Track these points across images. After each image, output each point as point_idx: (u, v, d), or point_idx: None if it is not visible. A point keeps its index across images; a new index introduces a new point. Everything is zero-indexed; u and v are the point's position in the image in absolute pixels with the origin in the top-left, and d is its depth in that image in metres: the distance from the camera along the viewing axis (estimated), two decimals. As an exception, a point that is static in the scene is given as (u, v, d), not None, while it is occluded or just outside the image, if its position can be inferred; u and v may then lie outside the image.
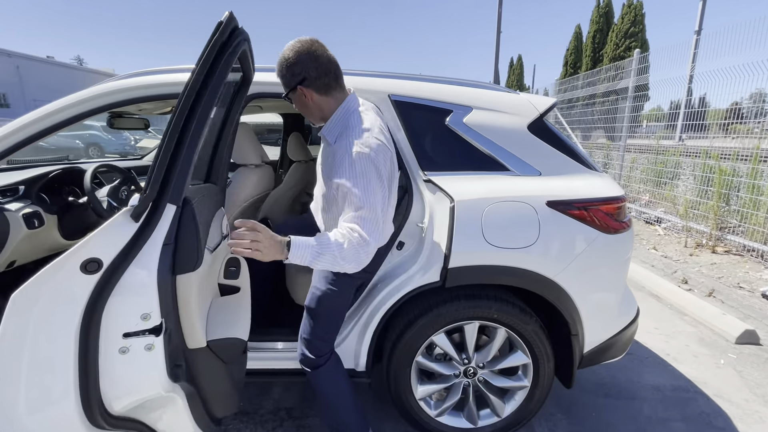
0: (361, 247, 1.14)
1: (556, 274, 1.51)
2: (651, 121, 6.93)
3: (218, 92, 0.87)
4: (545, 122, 1.67)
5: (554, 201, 1.51)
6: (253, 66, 1.23)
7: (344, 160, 1.17)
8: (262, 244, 0.98)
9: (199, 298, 0.93)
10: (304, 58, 1.21)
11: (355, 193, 1.14)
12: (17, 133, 1.29)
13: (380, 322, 1.59)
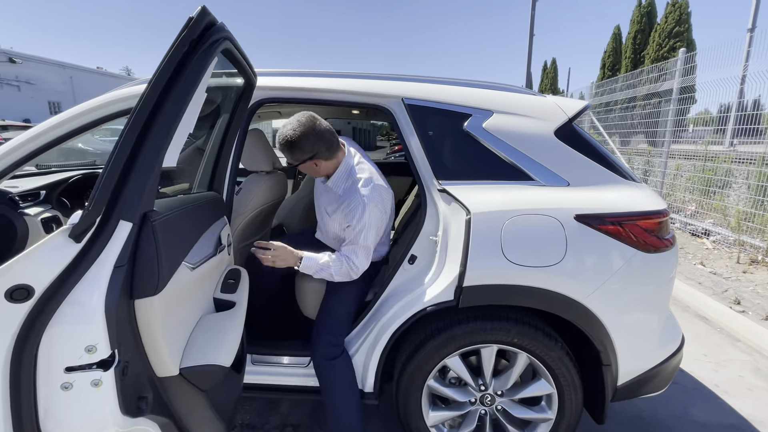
0: (352, 270, 1.52)
1: (585, 296, 1.35)
2: (698, 125, 6.46)
3: (187, 98, 0.76)
4: (575, 127, 1.52)
5: (584, 215, 1.35)
6: (251, 69, 1.17)
7: (357, 209, 1.49)
8: (276, 255, 1.46)
9: (169, 322, 0.83)
10: (312, 137, 1.49)
11: (360, 236, 1.49)
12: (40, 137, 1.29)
13: (389, 341, 1.48)
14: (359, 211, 1.47)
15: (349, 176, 1.58)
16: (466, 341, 1.45)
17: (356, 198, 1.50)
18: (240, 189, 1.79)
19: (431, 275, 1.46)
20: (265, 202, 1.83)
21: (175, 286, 0.80)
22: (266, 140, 1.88)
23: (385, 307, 1.54)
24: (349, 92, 1.58)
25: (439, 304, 1.41)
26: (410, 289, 1.51)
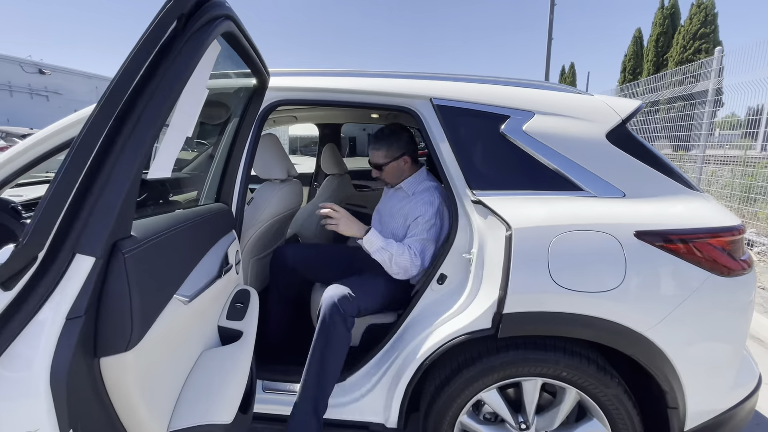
0: (412, 261, 1.50)
1: (648, 327, 1.15)
2: (724, 129, 6.14)
3: (174, 91, 0.57)
4: (629, 130, 1.33)
5: (645, 231, 1.16)
6: (263, 64, 1.03)
7: (432, 203, 1.57)
8: (339, 221, 1.54)
9: (151, 379, 0.65)
10: (407, 135, 1.70)
11: (426, 228, 1.55)
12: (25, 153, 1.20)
13: (416, 372, 1.30)
14: (433, 205, 1.55)
15: (423, 181, 1.68)
16: (506, 373, 1.26)
17: (431, 195, 1.59)
18: (252, 199, 1.65)
19: (464, 298, 1.29)
20: (278, 213, 1.69)
21: (162, 328, 0.62)
22: (280, 146, 1.74)
23: (411, 332, 1.37)
24: (372, 92, 1.43)
25: (475, 332, 1.24)
26: (439, 312, 1.34)
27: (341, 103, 1.47)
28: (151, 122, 0.53)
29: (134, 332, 0.54)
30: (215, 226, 1.04)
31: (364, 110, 2.55)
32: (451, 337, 1.26)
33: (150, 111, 0.53)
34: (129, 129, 0.52)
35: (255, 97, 1.18)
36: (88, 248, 0.51)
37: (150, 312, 0.59)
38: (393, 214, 1.70)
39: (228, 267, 1.06)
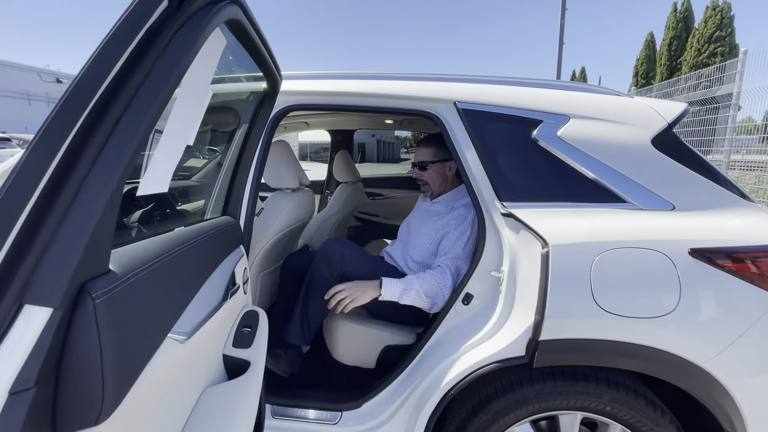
0: (441, 284, 1.38)
1: (707, 358, 1.01)
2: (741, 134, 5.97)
3: (164, 90, 0.44)
4: (676, 135, 1.20)
5: (702, 249, 1.02)
6: (275, 63, 0.93)
7: (468, 217, 1.47)
8: (350, 293, 1.39)
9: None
10: None
11: (458, 243, 1.44)
12: None
13: (440, 402, 1.18)
14: (467, 219, 1.45)
15: (463, 197, 1.57)
16: (541, 406, 1.13)
17: (467, 210, 1.49)
18: (261, 209, 1.55)
19: (494, 322, 1.16)
20: (290, 224, 1.59)
21: (150, 380, 0.50)
22: (292, 153, 1.65)
23: (433, 357, 1.25)
24: (391, 96, 1.32)
25: (506, 360, 1.11)
26: (465, 336, 1.21)
27: (358, 107, 1.36)
28: (133, 128, 0.41)
29: (106, 401, 0.41)
30: (221, 243, 0.94)
31: (379, 116, 2.46)
32: (480, 365, 1.13)
33: (133, 115, 0.41)
34: (102, 136, 0.40)
35: (265, 102, 1.08)
36: (41, 296, 0.37)
37: (132, 369, 0.46)
38: (423, 227, 1.60)
39: (235, 288, 0.96)
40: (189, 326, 0.61)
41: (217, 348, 0.86)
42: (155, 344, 0.49)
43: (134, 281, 0.45)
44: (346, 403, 1.35)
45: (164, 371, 0.53)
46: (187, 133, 0.59)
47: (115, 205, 0.40)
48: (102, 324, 0.40)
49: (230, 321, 0.98)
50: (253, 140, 1.12)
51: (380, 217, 3.01)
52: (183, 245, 0.64)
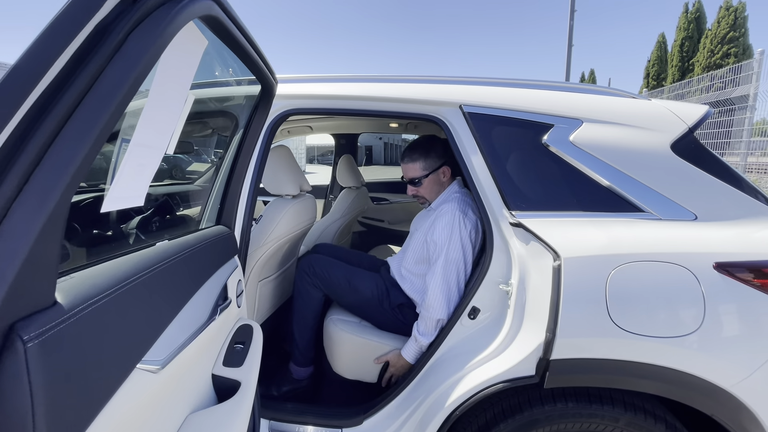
0: (431, 309, 1.29)
1: (735, 382, 0.93)
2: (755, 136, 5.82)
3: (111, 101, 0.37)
4: (697, 139, 1.12)
5: (729, 263, 0.95)
6: (267, 66, 0.87)
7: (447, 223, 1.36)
8: (396, 372, 1.39)
9: None
10: (442, 144, 1.52)
11: (445, 248, 1.34)
12: None
13: (444, 423, 1.11)
14: (448, 219, 1.35)
15: (448, 193, 1.51)
16: (552, 429, 1.06)
17: (450, 204, 1.40)
18: (261, 216, 1.51)
19: (502, 338, 1.09)
20: (290, 231, 1.53)
21: (113, 417, 0.44)
22: (292, 159, 1.60)
23: (438, 374, 1.19)
24: (393, 99, 1.27)
25: (515, 380, 1.04)
26: (471, 352, 1.15)
27: (359, 112, 1.31)
28: (79, 134, 0.35)
29: None
30: (212, 255, 0.89)
31: (382, 120, 2.40)
32: (487, 384, 1.06)
33: (79, 120, 0.35)
34: (39, 141, 0.33)
35: (260, 107, 1.03)
36: None
37: (79, 418, 0.39)
38: (416, 233, 1.55)
39: (226, 303, 0.91)
40: (164, 353, 0.55)
41: (204, 369, 0.80)
42: (115, 382, 0.44)
43: (88, 313, 0.39)
44: (346, 419, 1.29)
45: (132, 406, 0.48)
46: (163, 141, 0.54)
47: (57, 225, 0.35)
48: (35, 375, 0.33)
49: (221, 338, 0.93)
50: (247, 146, 1.07)
51: (384, 222, 2.95)
52: (161, 263, 0.59)
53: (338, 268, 1.56)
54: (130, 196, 0.50)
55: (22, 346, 0.33)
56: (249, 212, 1.26)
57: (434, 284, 1.30)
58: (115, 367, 0.44)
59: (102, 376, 0.42)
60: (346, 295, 1.53)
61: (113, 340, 0.44)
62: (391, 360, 1.38)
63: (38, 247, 0.33)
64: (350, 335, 1.45)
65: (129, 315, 0.47)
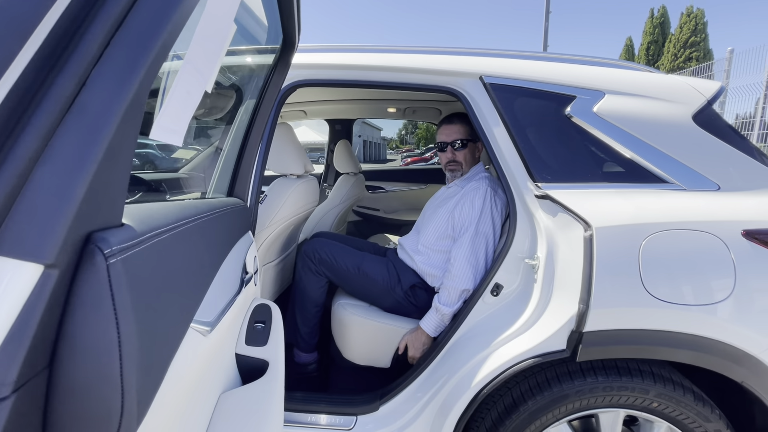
0: (456, 279, 1.27)
1: (764, 348, 0.94)
2: None
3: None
4: (716, 111, 1.13)
5: (757, 231, 0.95)
6: (297, 18, 0.80)
7: (476, 199, 1.36)
8: (415, 353, 1.31)
9: None
10: None
11: (475, 222, 1.33)
12: None
13: (471, 402, 1.07)
14: (482, 191, 1.35)
15: (477, 174, 1.50)
16: (582, 404, 1.04)
17: (479, 182, 1.40)
18: (265, 196, 1.42)
19: (530, 313, 1.06)
20: (296, 212, 1.46)
21: (174, 384, 0.37)
22: (296, 137, 1.52)
23: (461, 354, 1.15)
24: (410, 70, 1.22)
25: (545, 355, 1.01)
26: (496, 330, 1.11)
27: (373, 83, 1.25)
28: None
29: (127, 416, 0.27)
30: (232, 224, 0.81)
31: (381, 103, 2.35)
32: (516, 360, 1.03)
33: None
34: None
35: (279, 65, 0.95)
36: (21, 244, 0.22)
37: (158, 367, 0.32)
38: (438, 209, 1.49)
39: (249, 277, 0.83)
40: (212, 315, 0.48)
41: (230, 344, 0.73)
42: (179, 334, 0.37)
43: (155, 243, 0.32)
44: (361, 406, 1.23)
45: (187, 373, 0.40)
46: (206, 74, 0.47)
47: (137, 111, 0.27)
48: (119, 295, 0.26)
49: (241, 316, 0.85)
50: (263, 111, 1.00)
51: (380, 211, 2.90)
52: (199, 216, 0.51)
53: (346, 254, 1.49)
54: (173, 130, 0.43)
55: (103, 260, 0.25)
56: (257, 188, 1.17)
57: (462, 254, 1.28)
58: (177, 316, 0.36)
59: (169, 322, 0.34)
60: (355, 281, 1.47)
61: (175, 283, 0.36)
62: (409, 340, 1.33)
63: (119, 136, 0.25)
64: (362, 319, 1.39)
65: (184, 259, 0.40)
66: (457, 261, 1.27)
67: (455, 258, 1.28)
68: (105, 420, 0.25)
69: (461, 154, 1.50)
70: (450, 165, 1.53)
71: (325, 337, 1.59)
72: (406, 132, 48.28)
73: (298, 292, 1.52)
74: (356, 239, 1.81)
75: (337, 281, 1.50)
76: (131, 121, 0.27)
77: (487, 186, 1.36)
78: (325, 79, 1.26)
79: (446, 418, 1.10)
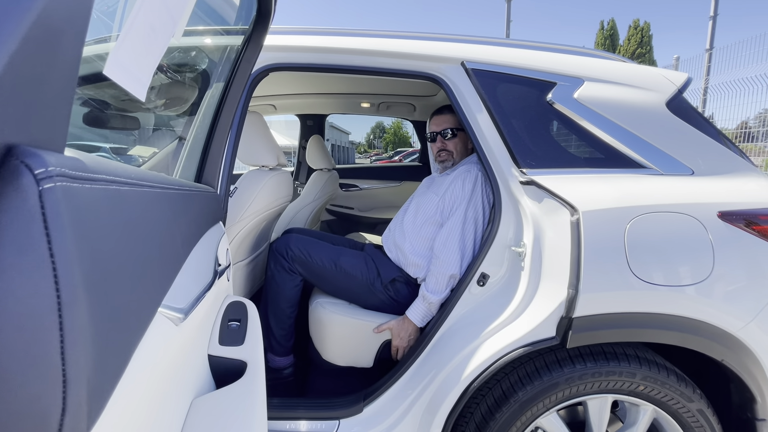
0: (442, 265, 1.23)
1: (741, 326, 0.97)
2: None
3: None
4: (686, 99, 1.17)
5: (731, 212, 0.98)
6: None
7: (470, 173, 1.33)
8: (401, 344, 1.26)
9: None
10: None
11: (462, 206, 1.29)
12: None
13: (462, 396, 1.03)
14: (472, 175, 1.31)
15: (467, 161, 1.45)
16: (571, 391, 1.02)
17: (468, 167, 1.36)
18: (235, 189, 1.32)
19: (518, 302, 1.04)
20: (269, 206, 1.37)
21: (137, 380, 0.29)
22: (268, 127, 1.43)
23: (448, 348, 1.10)
24: (389, 54, 1.17)
25: (535, 343, 0.99)
26: (484, 320, 1.08)
27: (351, 68, 1.19)
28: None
29: (72, 411, 0.18)
30: (202, 209, 0.72)
31: (353, 98, 2.29)
32: (506, 350, 1.00)
33: None
34: None
35: (253, 38, 0.87)
36: None
37: (117, 350, 0.24)
38: (427, 193, 1.45)
39: (223, 267, 0.75)
40: (185, 302, 0.40)
41: (203, 343, 0.64)
42: (146, 315, 0.29)
43: (114, 191, 0.24)
44: (343, 408, 1.16)
45: (155, 366, 0.33)
46: (175, 12, 0.39)
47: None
48: (58, 235, 0.18)
49: (213, 313, 0.76)
50: (234, 91, 0.91)
51: (354, 210, 2.83)
52: (166, 186, 0.43)
53: (321, 249, 1.41)
54: (135, 76, 0.35)
55: (33, 184, 0.17)
56: (228, 178, 1.08)
57: (450, 238, 1.23)
58: (147, 289, 0.28)
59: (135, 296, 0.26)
60: (332, 278, 1.39)
61: (143, 247, 0.28)
62: (394, 329, 1.27)
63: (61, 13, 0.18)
64: (342, 317, 1.32)
65: (153, 225, 0.32)
66: (446, 246, 1.23)
67: (444, 242, 1.24)
68: (39, 421, 0.17)
69: (451, 143, 1.47)
70: (441, 154, 1.49)
71: (300, 338, 1.50)
72: (374, 136, 48.39)
73: (270, 293, 1.42)
74: (331, 235, 1.73)
75: (312, 279, 1.42)
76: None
77: (478, 171, 1.32)
78: (300, 62, 1.19)
79: (435, 415, 1.06)
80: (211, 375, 0.69)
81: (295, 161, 2.91)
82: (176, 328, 0.38)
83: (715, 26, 14.62)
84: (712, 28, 14.38)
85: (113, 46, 0.31)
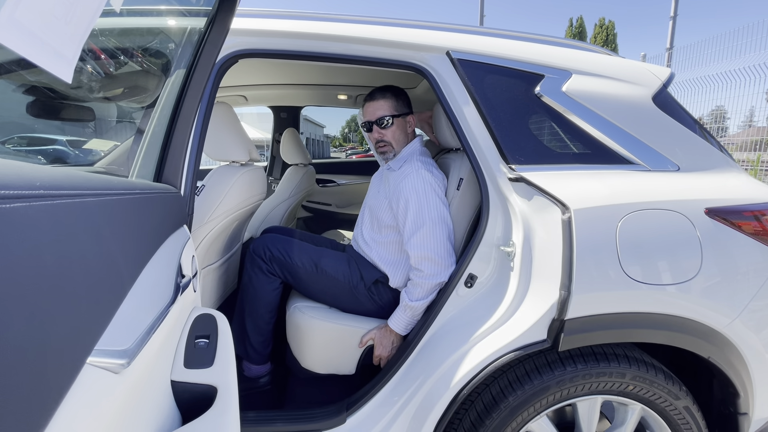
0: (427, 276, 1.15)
1: (727, 323, 0.96)
2: None
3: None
4: (671, 95, 1.16)
5: (717, 208, 0.97)
6: None
7: (411, 175, 1.25)
8: (382, 353, 1.21)
9: None
10: (406, 93, 1.40)
11: (424, 210, 1.21)
12: None
13: (451, 403, 0.99)
14: (415, 182, 1.21)
15: (413, 153, 1.34)
16: (562, 394, 1.00)
17: (413, 160, 1.28)
18: (203, 187, 1.21)
19: (508, 304, 1.00)
20: (241, 205, 1.26)
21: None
22: (238, 120, 1.32)
23: (436, 353, 1.05)
24: (370, 42, 1.09)
25: (526, 347, 0.95)
26: (472, 323, 1.04)
27: (329, 56, 1.11)
28: None
29: None
30: (160, 214, 0.63)
31: (330, 90, 2.19)
32: (496, 355, 0.96)
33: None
34: None
35: (218, 20, 0.77)
36: None
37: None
38: (378, 195, 1.37)
39: (186, 280, 0.65)
40: (128, 341, 0.32)
41: (163, 373, 0.55)
42: (64, 373, 0.21)
43: (27, 209, 0.16)
44: (325, 420, 1.09)
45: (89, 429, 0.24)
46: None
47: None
48: None
49: (177, 331, 0.67)
50: (198, 79, 0.81)
51: (332, 206, 2.73)
52: (108, 192, 0.35)
53: (302, 250, 1.33)
54: (54, 49, 0.26)
55: None
56: (193, 175, 0.98)
57: (427, 247, 1.16)
58: (67, 338, 0.20)
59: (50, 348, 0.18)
60: (314, 281, 1.31)
61: (66, 281, 0.20)
62: (376, 338, 1.21)
63: None
64: (323, 323, 1.25)
65: (85, 248, 0.24)
66: (426, 255, 1.15)
67: (422, 252, 1.16)
68: None
69: (389, 132, 1.33)
70: (379, 146, 1.36)
71: (277, 344, 1.41)
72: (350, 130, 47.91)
73: (247, 297, 1.33)
74: (311, 234, 1.64)
75: (292, 281, 1.33)
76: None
77: (420, 168, 1.23)
78: (273, 49, 1.09)
79: (423, 424, 1.01)
80: (176, 405, 0.60)
81: (268, 155, 2.78)
82: (117, 377, 0.29)
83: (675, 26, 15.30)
84: (672, 28, 15.05)
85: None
